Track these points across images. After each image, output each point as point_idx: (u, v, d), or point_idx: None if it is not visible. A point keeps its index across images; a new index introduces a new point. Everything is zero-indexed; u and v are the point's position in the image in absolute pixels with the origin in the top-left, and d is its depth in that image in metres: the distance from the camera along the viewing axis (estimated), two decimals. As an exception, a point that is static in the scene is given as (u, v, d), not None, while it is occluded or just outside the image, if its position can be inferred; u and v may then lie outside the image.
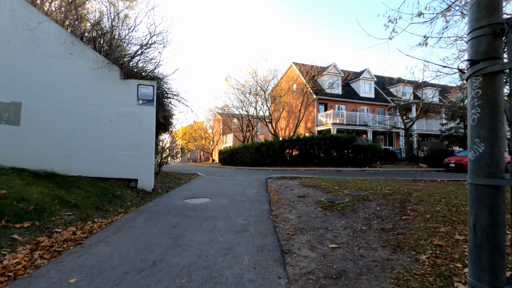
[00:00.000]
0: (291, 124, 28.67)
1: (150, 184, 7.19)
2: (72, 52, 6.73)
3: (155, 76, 8.11)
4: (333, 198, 6.05)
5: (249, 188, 7.87)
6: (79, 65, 6.76)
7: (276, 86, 26.16)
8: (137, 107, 7.13)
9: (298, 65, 26.47)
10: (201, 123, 52.70)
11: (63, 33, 6.68)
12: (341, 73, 26.03)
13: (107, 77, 6.93)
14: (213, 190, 7.71)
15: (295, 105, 27.57)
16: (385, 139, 26.83)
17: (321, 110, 25.23)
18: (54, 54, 6.61)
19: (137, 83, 7.18)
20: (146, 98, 7.23)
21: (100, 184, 6.37)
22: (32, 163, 6.31)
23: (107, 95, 6.94)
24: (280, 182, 9.03)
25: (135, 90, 7.14)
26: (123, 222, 4.39)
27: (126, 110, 7.04)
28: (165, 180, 9.73)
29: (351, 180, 8.40)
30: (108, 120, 6.92)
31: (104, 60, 6.77)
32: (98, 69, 6.78)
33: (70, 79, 6.69)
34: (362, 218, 4.70)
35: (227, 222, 4.44)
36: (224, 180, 10.12)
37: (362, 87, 26.97)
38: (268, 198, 6.52)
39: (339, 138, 17.50)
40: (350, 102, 25.82)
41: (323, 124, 23.79)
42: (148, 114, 7.20)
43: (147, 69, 7.82)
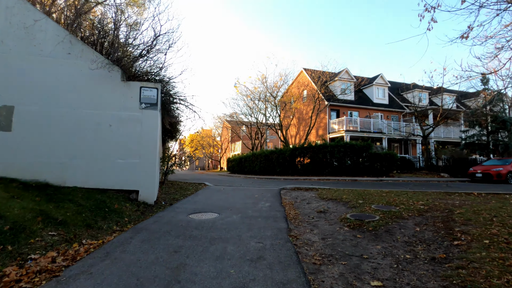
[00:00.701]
0: (301, 131, 27.85)
1: (152, 196, 6.52)
2: (70, 52, 6.21)
3: (160, 79, 7.53)
4: (360, 214, 5.22)
5: (261, 201, 7.10)
6: (77, 66, 6.22)
7: (286, 92, 25.49)
8: (140, 112, 6.53)
9: (308, 71, 25.82)
10: (209, 131, 52.38)
11: (61, 32, 6.17)
12: (353, 79, 25.22)
13: (107, 79, 6.37)
14: (221, 202, 6.98)
15: (306, 112, 26.80)
16: (401, 147, 25.70)
17: (333, 116, 24.38)
18: (51, 54, 6.09)
19: (140, 85, 6.59)
20: (150, 101, 6.62)
21: (96, 197, 5.72)
22: (23, 173, 5.72)
23: (107, 98, 6.36)
24: (295, 194, 8.23)
25: (137, 93, 6.55)
26: (115, 245, 3.69)
27: (127, 115, 6.44)
28: (170, 191, 9.06)
29: (375, 193, 7.54)
30: (107, 125, 6.32)
31: (104, 60, 6.22)
32: (97, 70, 6.22)
33: (67, 81, 6.15)
34: (402, 242, 3.87)
35: (238, 246, 3.68)
36: (233, 190, 9.39)
37: (375, 93, 26.05)
38: (283, 213, 5.75)
39: (354, 146, 16.60)
40: (363, 109, 24.91)
41: (336, 131, 22.90)
42: (151, 119, 6.58)
43: (151, 72, 7.24)
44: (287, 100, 24.73)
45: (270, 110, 25.74)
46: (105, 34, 6.93)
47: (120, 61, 6.63)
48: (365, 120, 22.81)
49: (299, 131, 28.11)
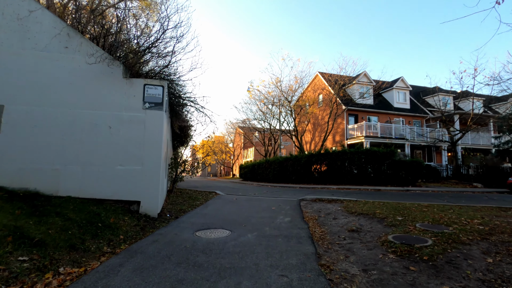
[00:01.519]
0: (317, 137, 26.75)
1: (155, 208, 5.72)
2: (68, 45, 5.59)
3: (167, 77, 6.82)
4: (405, 237, 4.21)
5: (280, 215, 6.17)
6: (75, 61, 5.58)
7: (302, 97, 24.53)
8: (143, 112, 5.80)
9: (325, 74, 24.82)
10: (221, 137, 51.91)
11: (58, 24, 5.57)
12: (372, 82, 24.02)
13: (108, 76, 5.70)
14: (234, 216, 6.10)
15: (321, 117, 25.73)
16: (424, 154, 24.12)
17: (351, 122, 23.20)
18: (46, 48, 5.48)
19: (144, 82, 5.88)
20: (154, 101, 5.89)
21: (90, 208, 4.97)
22: (11, 180, 5.06)
23: (107, 97, 5.68)
24: (317, 206, 7.25)
25: (140, 92, 5.84)
26: (99, 276, 2.87)
27: (129, 116, 5.73)
28: (177, 200, 8.26)
29: (412, 207, 6.46)
30: (106, 127, 5.62)
31: (104, 54, 5.55)
32: (95, 65, 5.56)
33: (63, 78, 5.51)
34: (476, 281, 2.86)
35: (256, 281, 2.78)
36: (247, 201, 8.49)
37: (396, 97, 24.71)
38: (308, 231, 4.80)
39: (376, 153, 15.41)
40: (383, 114, 23.60)
41: (354, 137, 21.69)
42: (155, 121, 5.84)
43: (156, 69, 6.53)
44: (302, 104, 23.72)
45: (285, 115, 24.82)
46: (108, 29, 6.30)
47: (126, 57, 5.97)
48: (386, 125, 21.50)
49: (315, 137, 27.01)
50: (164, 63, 6.36)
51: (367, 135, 20.56)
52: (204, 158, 32.15)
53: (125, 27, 7.23)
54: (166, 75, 6.68)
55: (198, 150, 26.03)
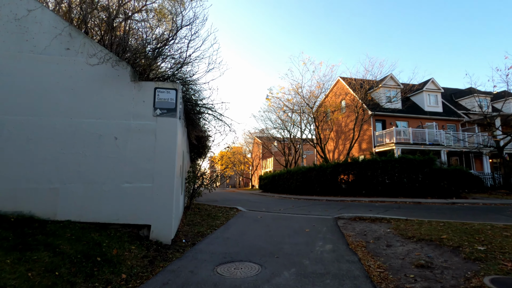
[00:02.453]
0: (340, 145, 25.31)
1: (168, 233, 4.80)
2: (70, 47, 4.91)
3: (183, 80, 6.02)
4: (509, 280, 2.99)
5: (317, 239, 5.06)
6: (77, 64, 4.89)
7: (323, 103, 23.30)
8: (153, 120, 4.98)
9: (347, 79, 23.56)
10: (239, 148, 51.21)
11: (59, 23, 4.93)
12: (399, 85, 22.47)
13: (113, 79, 4.95)
14: (261, 241, 5.06)
15: (345, 124, 24.34)
16: (461, 160, 22.02)
17: (378, 128, 21.67)
18: (46, 50, 4.83)
19: (154, 86, 5.08)
20: (166, 106, 5.07)
21: (91, 236, 4.12)
22: (3, 203, 4.34)
23: (113, 103, 4.91)
24: (359, 227, 6.05)
25: (151, 96, 5.04)
26: None
27: (137, 124, 4.92)
28: (195, 219, 7.33)
29: (488, 230, 5.13)
30: (111, 138, 4.83)
31: (108, 54, 4.82)
32: (99, 67, 4.84)
33: (64, 83, 4.81)
34: None
35: None
36: (274, 220, 7.42)
37: (426, 100, 22.95)
38: (361, 266, 3.67)
39: (412, 161, 13.89)
40: (413, 118, 21.90)
41: (383, 145, 20.12)
42: (168, 129, 5.00)
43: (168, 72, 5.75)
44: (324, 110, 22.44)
45: (306, 122, 23.66)
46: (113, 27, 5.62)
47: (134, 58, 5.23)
48: (418, 130, 19.80)
49: (338, 146, 25.57)
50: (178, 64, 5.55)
51: (397, 141, 18.96)
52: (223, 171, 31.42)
53: (136, 32, 6.59)
54: (179, 78, 5.88)
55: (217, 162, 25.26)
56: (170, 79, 5.66)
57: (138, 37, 5.89)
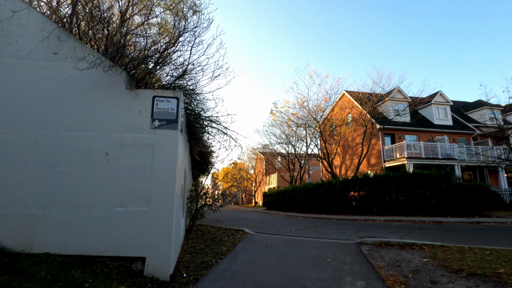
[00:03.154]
0: (347, 160, 24.48)
1: (166, 267, 4.01)
2: (58, 51, 4.34)
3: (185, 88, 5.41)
4: None
5: (344, 274, 4.23)
6: (65, 70, 4.30)
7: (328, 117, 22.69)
8: (151, 133, 4.32)
9: (353, 93, 23.08)
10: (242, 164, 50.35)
11: (47, 25, 4.38)
12: (407, 98, 21.92)
13: (106, 86, 4.34)
14: (277, 276, 4.24)
15: (352, 138, 23.64)
16: (474, 175, 21.08)
17: (387, 142, 20.92)
18: (30, 55, 4.26)
19: (153, 94, 4.46)
20: (166, 117, 4.42)
21: (70, 275, 3.35)
22: (-32, 232, 3.61)
23: (105, 114, 4.28)
24: (389, 256, 5.21)
25: (148, 106, 4.41)
26: None
27: (132, 138, 4.26)
28: (198, 245, 6.52)
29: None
30: (102, 154, 4.15)
31: (100, 57, 4.24)
32: (90, 72, 4.25)
33: (49, 91, 4.20)
34: None
35: None
36: (287, 245, 6.58)
37: (435, 113, 22.32)
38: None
39: (428, 176, 13.06)
40: (423, 132, 21.18)
41: (394, 159, 19.30)
42: (168, 143, 4.32)
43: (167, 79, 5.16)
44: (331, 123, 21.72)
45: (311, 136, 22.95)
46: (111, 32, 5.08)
47: (132, 65, 4.64)
48: (430, 144, 19.02)
49: (345, 161, 24.74)
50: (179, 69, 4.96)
51: (409, 156, 18.16)
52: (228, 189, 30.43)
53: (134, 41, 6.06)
54: (181, 86, 5.27)
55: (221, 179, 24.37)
56: (171, 86, 5.05)
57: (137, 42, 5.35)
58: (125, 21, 4.85)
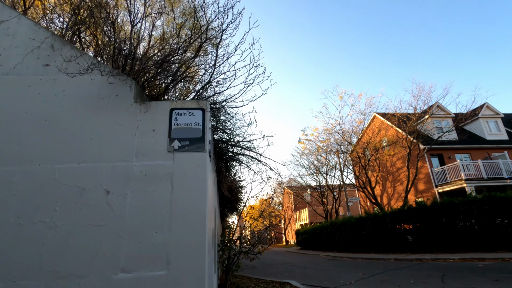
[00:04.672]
0: (388, 188, 21.95)
1: None
2: (50, 62, 3.37)
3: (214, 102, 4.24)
4: None
5: None
6: (57, 85, 3.27)
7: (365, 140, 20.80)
8: (168, 158, 3.05)
9: (386, 115, 21.34)
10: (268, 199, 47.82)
11: (38, 34, 3.49)
12: (450, 114, 19.83)
13: (108, 100, 3.23)
14: None
15: (391, 163, 21.38)
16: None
17: (435, 164, 18.51)
18: (15, 69, 3.31)
19: (170, 106, 3.28)
20: (189, 135, 3.17)
21: None
22: None
23: (106, 136, 3.10)
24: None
25: (165, 122, 3.20)
26: None
27: (143, 167, 3.00)
28: (237, 313, 4.82)
29: None
30: (101, 192, 2.89)
31: (97, 63, 3.20)
32: (86, 84, 3.20)
33: (35, 112, 3.14)
34: None
35: None
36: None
37: (485, 127, 19.86)
38: None
39: (508, 200, 10.64)
40: (475, 149, 18.67)
41: (448, 183, 16.76)
42: (193, 171, 3.02)
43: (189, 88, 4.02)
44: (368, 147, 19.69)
45: (345, 162, 20.92)
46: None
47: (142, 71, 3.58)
48: (489, 162, 16.44)
49: (386, 189, 22.20)
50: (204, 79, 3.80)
51: (468, 177, 15.64)
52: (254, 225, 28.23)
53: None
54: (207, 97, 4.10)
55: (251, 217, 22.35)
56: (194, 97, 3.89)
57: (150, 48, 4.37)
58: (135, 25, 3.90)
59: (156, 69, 3.76)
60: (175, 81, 4.17)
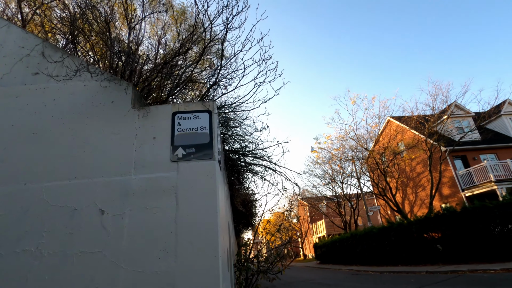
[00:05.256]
0: (410, 195, 20.84)
1: None
2: (40, 70, 3.06)
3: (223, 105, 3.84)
4: None
5: None
6: (47, 94, 2.94)
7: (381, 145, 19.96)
8: (172, 169, 2.62)
9: (402, 118, 20.53)
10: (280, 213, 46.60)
11: (28, 41, 3.21)
12: (470, 112, 18.90)
13: (103, 108, 2.87)
14: None
15: (411, 168, 20.37)
16: None
17: (458, 166, 17.47)
18: (2, 81, 3.01)
19: (172, 110, 2.88)
20: (195, 141, 2.75)
21: None
22: None
23: (100, 148, 2.71)
24: None
25: (166, 128, 2.80)
26: None
27: (143, 181, 2.57)
28: None
29: None
30: (95, 213, 2.46)
31: (86, 65, 2.86)
32: (78, 91, 2.85)
33: (22, 125, 2.80)
34: None
35: None
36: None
37: (508, 124, 18.76)
38: None
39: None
40: (501, 148, 17.56)
41: (476, 186, 15.69)
42: (201, 182, 2.57)
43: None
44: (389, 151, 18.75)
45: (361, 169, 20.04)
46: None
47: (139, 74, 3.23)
48: (520, 161, 15.34)
49: (407, 196, 21.08)
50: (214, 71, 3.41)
51: (498, 179, 14.58)
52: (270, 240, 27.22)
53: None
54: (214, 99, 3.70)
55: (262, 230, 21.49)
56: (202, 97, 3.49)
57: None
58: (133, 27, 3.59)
59: (156, 73, 3.40)
60: (179, 85, 3.80)
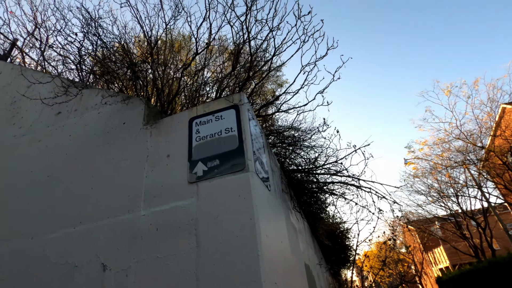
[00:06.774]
0: None
1: None
2: (61, 109, 2.83)
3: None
4: None
5: None
6: (65, 131, 2.65)
7: (496, 143, 15.32)
8: (190, 194, 1.79)
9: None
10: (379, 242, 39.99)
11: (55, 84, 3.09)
12: None
13: (114, 133, 2.37)
14: None
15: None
16: None
17: None
18: (32, 128, 2.90)
19: (189, 116, 2.14)
20: (219, 150, 1.90)
21: None
22: None
23: (109, 178, 2.12)
24: None
25: (183, 140, 2.05)
26: None
27: (153, 217, 1.80)
28: None
29: None
30: (97, 269, 1.76)
31: (106, 95, 2.45)
32: (86, 113, 2.43)
33: (40, 169, 2.49)
34: None
35: None
36: None
37: None
38: None
39: None
40: None
41: None
42: (230, 210, 1.62)
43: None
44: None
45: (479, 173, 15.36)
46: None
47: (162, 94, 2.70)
48: None
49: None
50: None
51: None
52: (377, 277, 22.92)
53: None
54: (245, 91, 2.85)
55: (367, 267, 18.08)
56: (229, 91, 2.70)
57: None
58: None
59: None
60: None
